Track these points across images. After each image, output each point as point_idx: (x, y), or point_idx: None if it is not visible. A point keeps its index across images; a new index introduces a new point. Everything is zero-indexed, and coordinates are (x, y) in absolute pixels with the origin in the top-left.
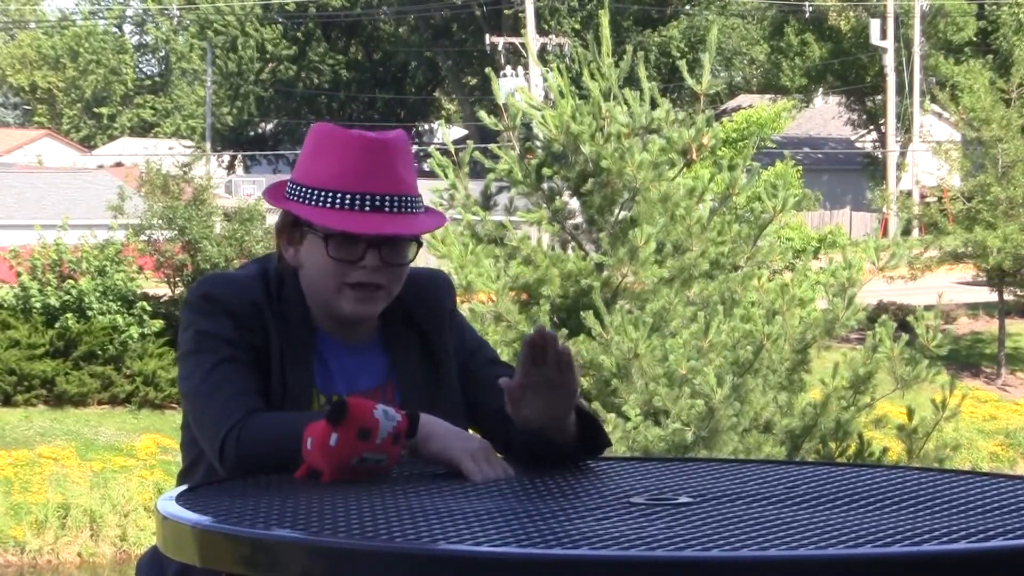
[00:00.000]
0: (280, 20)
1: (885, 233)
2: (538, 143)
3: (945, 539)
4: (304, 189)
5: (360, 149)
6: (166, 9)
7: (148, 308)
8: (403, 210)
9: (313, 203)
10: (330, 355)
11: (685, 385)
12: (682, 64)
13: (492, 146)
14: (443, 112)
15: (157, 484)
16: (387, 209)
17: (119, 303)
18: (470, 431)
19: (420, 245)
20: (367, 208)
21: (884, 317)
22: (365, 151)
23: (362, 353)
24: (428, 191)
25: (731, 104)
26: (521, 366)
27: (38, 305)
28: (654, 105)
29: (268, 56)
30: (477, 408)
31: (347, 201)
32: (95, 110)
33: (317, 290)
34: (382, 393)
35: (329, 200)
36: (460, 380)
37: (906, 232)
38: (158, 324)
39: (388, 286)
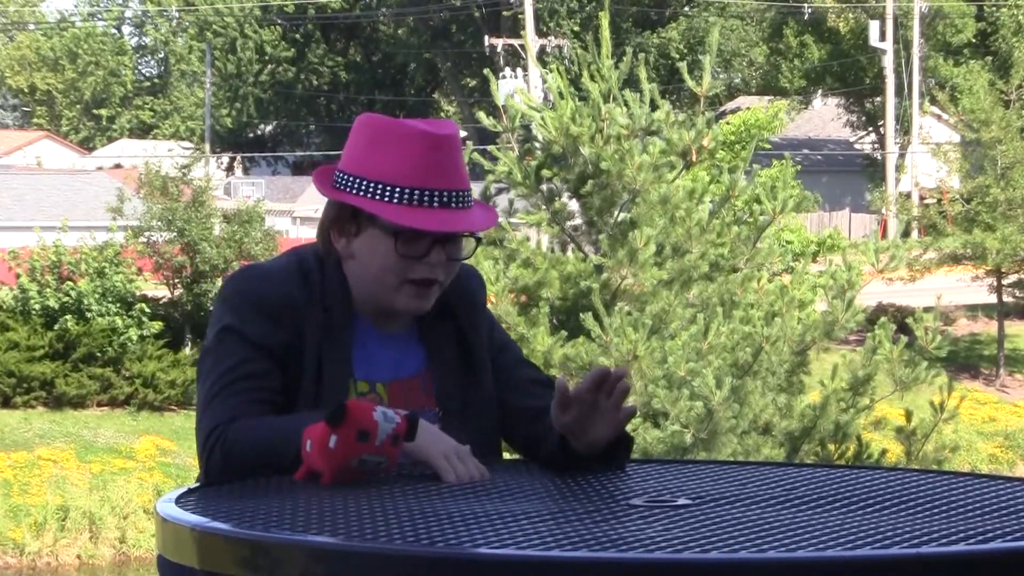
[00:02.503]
0: (279, 22)
1: (884, 235)
2: (537, 145)
3: (944, 541)
4: (365, 182)
5: (423, 143)
6: (165, 11)
7: (147, 310)
8: (465, 205)
9: (378, 197)
10: (371, 344)
11: (684, 387)
12: (682, 65)
13: (491, 148)
14: (442, 113)
15: (156, 486)
16: (452, 205)
17: (118, 305)
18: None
19: (480, 241)
20: (435, 204)
21: (883, 319)
22: (428, 146)
23: (400, 342)
24: None
25: (730, 106)
26: (585, 383)
27: (37, 307)
28: (654, 107)
29: (267, 58)
30: (503, 406)
31: (415, 197)
32: (94, 112)
33: (372, 283)
34: (421, 382)
35: (396, 196)
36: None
37: (905, 234)
38: (157, 326)
39: (444, 281)
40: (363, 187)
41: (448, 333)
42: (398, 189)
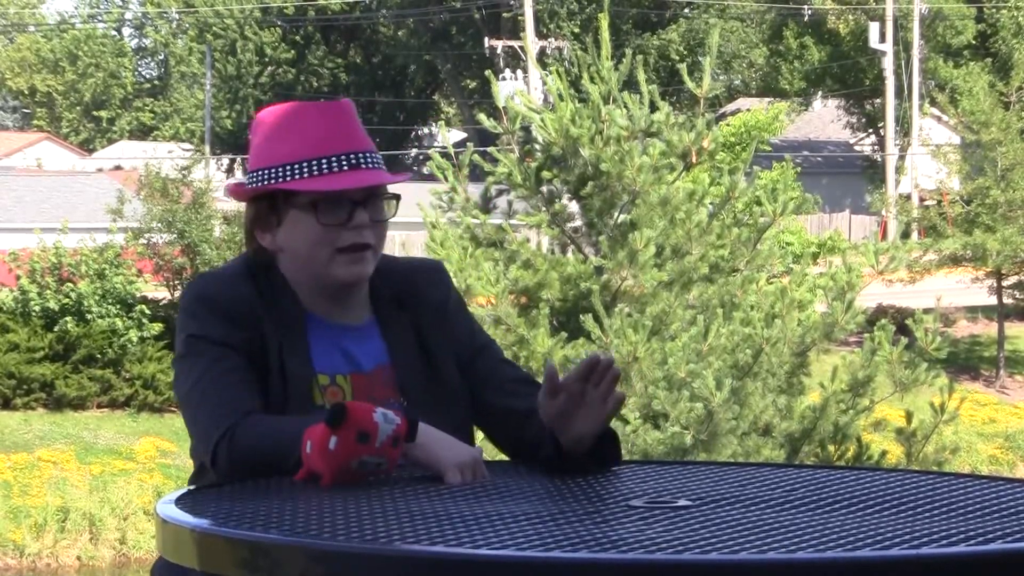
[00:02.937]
0: (279, 23)
1: (884, 236)
2: (537, 146)
3: (944, 542)
4: (274, 169)
5: (318, 115)
6: (165, 12)
7: (147, 311)
8: (375, 165)
9: (291, 177)
10: (327, 338)
11: (684, 388)
12: (682, 67)
13: (491, 149)
14: (442, 115)
15: (156, 487)
16: (364, 165)
17: (118, 306)
18: (473, 432)
19: (399, 200)
20: (345, 167)
21: (883, 320)
22: (324, 116)
23: (358, 334)
24: (428, 194)
25: (730, 107)
26: (576, 370)
27: (37, 308)
28: (653, 108)
29: (267, 59)
30: (485, 407)
31: (324, 165)
32: (94, 113)
33: (306, 265)
34: (383, 374)
35: (305, 169)
36: (467, 377)
37: (905, 235)
38: (157, 327)
39: (376, 245)
40: (272, 175)
41: (406, 325)
42: (305, 163)
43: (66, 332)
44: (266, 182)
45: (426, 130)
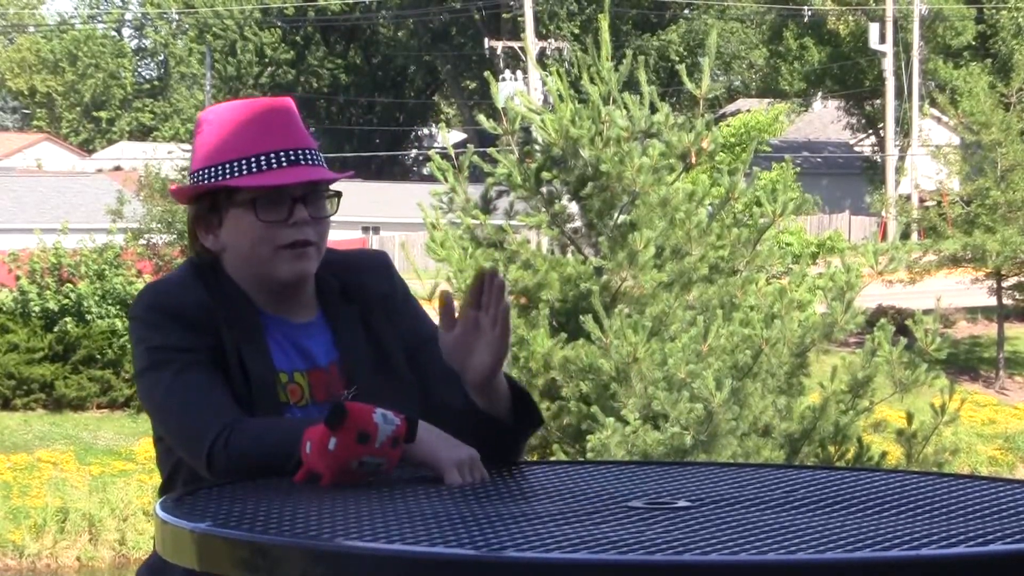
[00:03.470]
0: (279, 24)
1: (884, 237)
2: (537, 147)
3: (944, 543)
4: (214, 169)
5: (256, 113)
6: (165, 13)
7: None
8: (315, 162)
9: (230, 176)
10: (282, 335)
11: (684, 389)
12: (682, 68)
13: (491, 150)
14: (442, 116)
15: (156, 488)
16: (303, 162)
17: (118, 307)
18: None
19: (340, 197)
20: (284, 163)
21: (883, 321)
22: (262, 113)
23: (309, 330)
24: (428, 195)
25: (730, 108)
26: (465, 298)
27: (37, 309)
28: (653, 109)
29: (267, 60)
30: (431, 398)
31: (263, 162)
32: (94, 114)
33: (249, 263)
34: (338, 368)
35: (245, 166)
36: (414, 370)
37: (905, 236)
38: None
39: (318, 242)
40: (212, 173)
41: (354, 317)
42: (244, 160)
43: (66, 333)
44: (206, 181)
45: (426, 131)
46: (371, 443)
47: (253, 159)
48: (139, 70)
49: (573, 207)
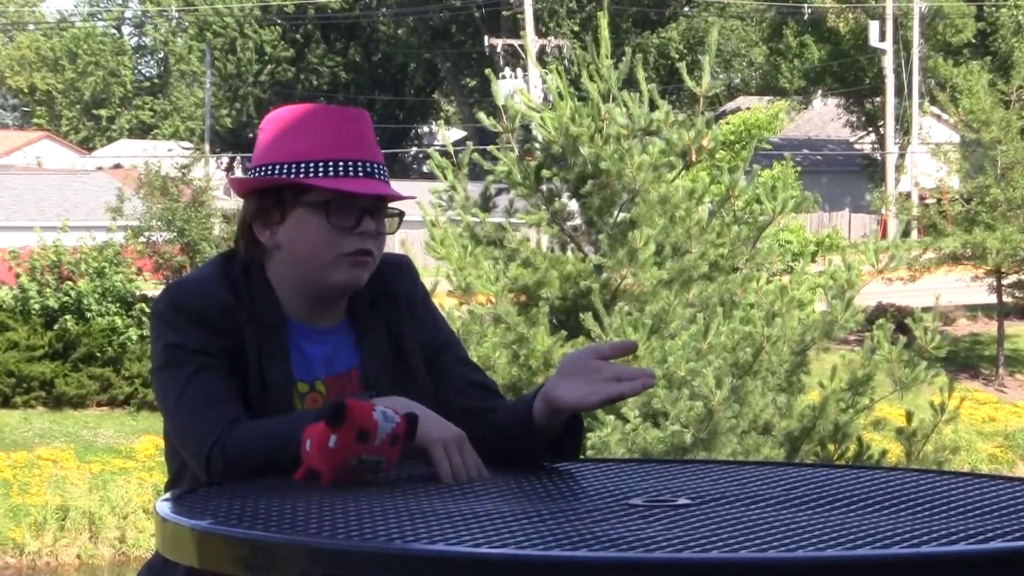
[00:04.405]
0: (279, 22)
1: (884, 235)
2: (537, 145)
3: (944, 541)
4: (286, 166)
5: (337, 120)
6: (165, 11)
7: (147, 310)
8: (385, 178)
9: (304, 175)
10: (305, 342)
11: (684, 387)
12: (681, 66)
13: (491, 148)
14: (442, 114)
15: (156, 486)
16: (376, 176)
17: (118, 305)
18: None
19: (403, 217)
20: (360, 174)
21: (883, 319)
22: (342, 121)
23: (333, 336)
24: (427, 192)
25: (730, 106)
26: (614, 344)
27: (37, 307)
28: (653, 107)
29: (267, 58)
30: (443, 407)
31: (340, 168)
32: (94, 112)
33: (303, 264)
34: (358, 374)
35: (322, 169)
36: (430, 375)
37: (905, 234)
38: None
39: (376, 255)
40: (284, 169)
41: (378, 323)
42: (321, 163)
43: (66, 330)
44: (280, 175)
45: (426, 128)
46: (371, 441)
47: (331, 163)
48: (139, 68)
49: (573, 205)
